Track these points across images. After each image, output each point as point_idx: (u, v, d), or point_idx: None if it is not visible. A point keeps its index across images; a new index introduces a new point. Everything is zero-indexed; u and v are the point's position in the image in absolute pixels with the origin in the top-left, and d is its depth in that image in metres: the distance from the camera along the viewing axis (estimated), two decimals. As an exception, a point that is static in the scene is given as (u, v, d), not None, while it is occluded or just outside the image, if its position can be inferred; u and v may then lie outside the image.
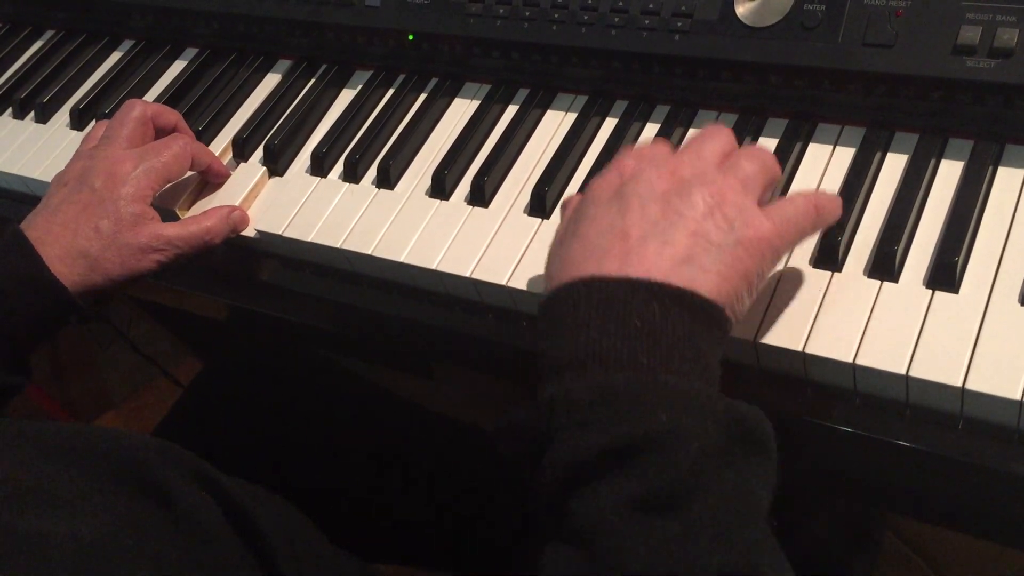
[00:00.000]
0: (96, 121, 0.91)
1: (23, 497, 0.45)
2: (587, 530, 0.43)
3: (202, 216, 0.75)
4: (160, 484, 0.49)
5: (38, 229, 0.71)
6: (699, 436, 0.44)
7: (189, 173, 0.79)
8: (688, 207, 0.51)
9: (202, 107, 0.89)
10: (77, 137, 0.91)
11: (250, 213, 0.78)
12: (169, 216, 0.78)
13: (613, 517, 0.43)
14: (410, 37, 0.82)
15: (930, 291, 0.58)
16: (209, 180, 0.81)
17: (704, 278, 0.49)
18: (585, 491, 0.44)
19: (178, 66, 0.96)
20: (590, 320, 0.47)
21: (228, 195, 0.80)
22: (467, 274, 0.68)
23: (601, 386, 0.45)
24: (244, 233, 0.77)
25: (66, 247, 0.70)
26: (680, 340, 0.47)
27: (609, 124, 0.75)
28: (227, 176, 0.81)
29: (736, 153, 0.55)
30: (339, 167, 0.79)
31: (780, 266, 0.62)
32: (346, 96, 0.85)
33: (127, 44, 1.00)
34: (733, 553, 0.42)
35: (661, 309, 0.47)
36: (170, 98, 0.90)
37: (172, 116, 0.79)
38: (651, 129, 0.73)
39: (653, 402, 0.44)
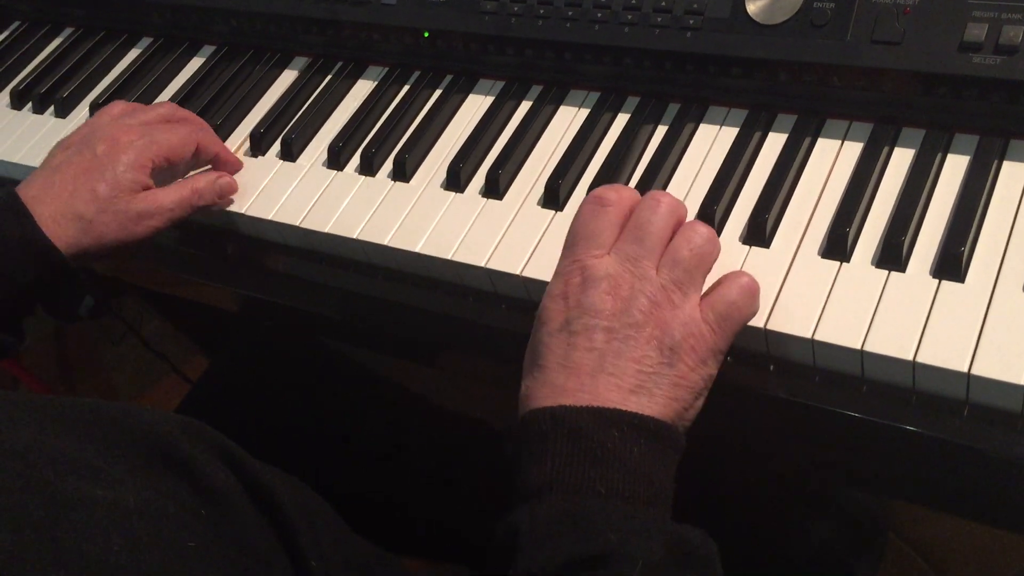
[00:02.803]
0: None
1: (63, 464, 0.46)
2: None
3: (190, 179, 0.77)
4: (185, 460, 0.50)
5: (35, 188, 0.72)
6: (644, 554, 0.49)
7: (201, 170, 0.81)
8: (630, 333, 0.55)
9: (220, 103, 0.91)
10: (96, 131, 0.92)
11: (267, 205, 0.80)
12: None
13: None
14: (425, 34, 0.83)
15: (937, 280, 0.59)
16: (218, 169, 0.82)
17: (652, 402, 0.55)
18: None
19: (196, 63, 0.97)
20: (556, 451, 0.53)
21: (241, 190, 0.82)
22: (482, 264, 0.70)
23: (560, 511, 0.51)
24: (263, 221, 0.79)
25: (61, 207, 0.71)
26: (635, 465, 0.52)
27: (621, 120, 0.76)
28: (239, 166, 0.83)
29: (673, 246, 0.58)
30: (355, 160, 0.81)
31: (789, 258, 0.63)
32: (362, 92, 0.87)
33: (145, 41, 1.02)
34: None
35: (620, 435, 0.53)
36: (188, 94, 0.92)
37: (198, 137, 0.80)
38: (662, 124, 0.75)
39: (604, 525, 0.50)
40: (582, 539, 0.50)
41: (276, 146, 0.85)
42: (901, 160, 0.67)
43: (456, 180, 0.76)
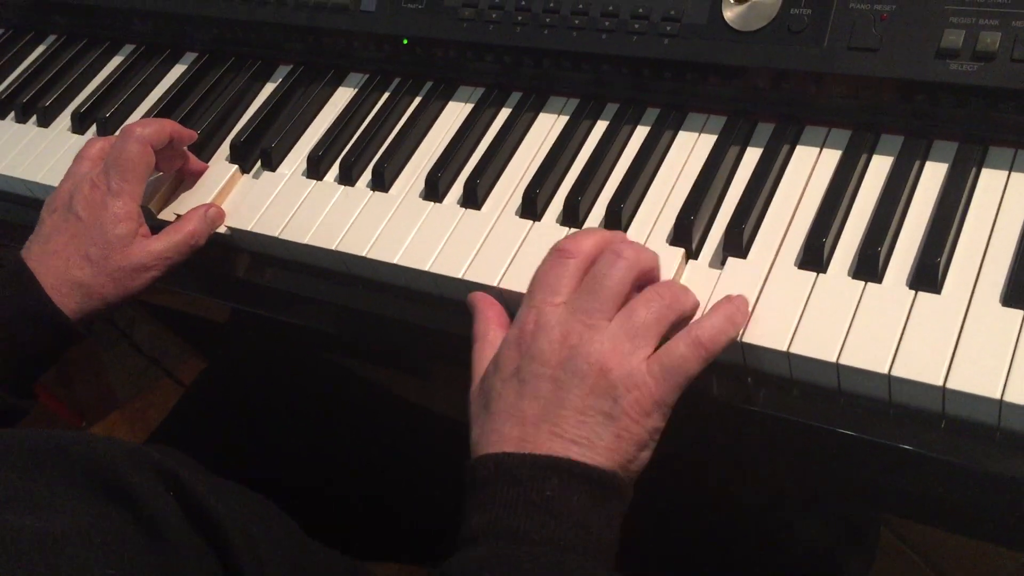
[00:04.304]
0: (96, 126, 0.93)
1: (2, 498, 0.47)
2: None
3: (182, 222, 0.76)
4: (127, 488, 0.51)
5: (33, 260, 0.72)
6: None
7: (159, 173, 0.81)
8: (575, 385, 0.56)
9: (201, 111, 0.90)
10: (79, 141, 0.92)
11: (247, 216, 0.79)
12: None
13: None
14: (404, 41, 0.83)
15: (913, 292, 0.59)
16: (183, 145, 0.81)
17: (594, 453, 0.55)
18: None
19: (178, 70, 0.97)
20: (496, 498, 0.53)
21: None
22: (459, 275, 0.69)
23: (490, 557, 0.51)
24: (243, 232, 0.79)
25: (60, 277, 0.71)
26: (573, 514, 0.53)
27: (600, 127, 0.76)
28: (204, 168, 0.83)
29: (635, 299, 0.58)
30: (335, 170, 0.80)
31: (766, 269, 0.63)
32: (342, 100, 0.86)
33: (127, 49, 1.01)
34: None
35: (559, 483, 0.53)
36: (170, 102, 0.92)
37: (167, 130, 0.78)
38: (641, 132, 0.74)
39: (531, 572, 0.50)
40: None
41: (257, 155, 0.84)
42: (879, 167, 0.66)
43: (434, 190, 0.75)
